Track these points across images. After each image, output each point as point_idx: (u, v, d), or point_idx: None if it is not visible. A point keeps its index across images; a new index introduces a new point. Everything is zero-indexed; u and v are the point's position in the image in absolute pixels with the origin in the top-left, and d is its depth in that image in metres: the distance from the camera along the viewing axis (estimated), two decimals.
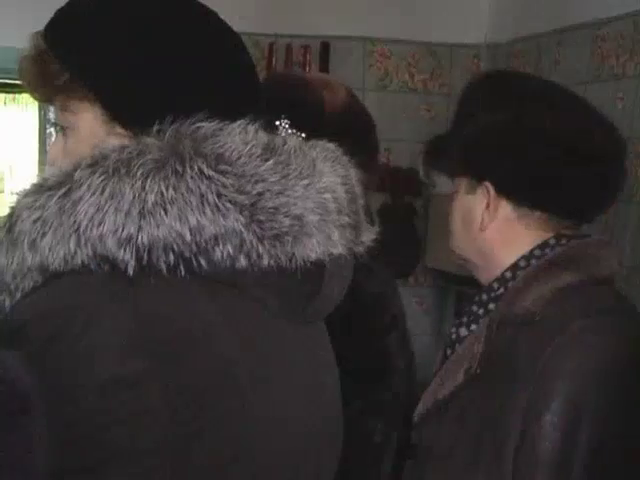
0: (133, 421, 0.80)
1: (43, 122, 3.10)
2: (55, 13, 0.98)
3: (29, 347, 0.81)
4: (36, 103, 2.86)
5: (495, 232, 1.39)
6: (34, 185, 0.88)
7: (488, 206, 1.38)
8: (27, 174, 3.80)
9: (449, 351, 1.42)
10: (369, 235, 0.99)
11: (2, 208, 4.03)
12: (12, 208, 0.89)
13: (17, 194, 0.89)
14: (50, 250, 0.84)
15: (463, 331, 1.40)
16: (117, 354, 0.80)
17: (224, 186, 0.85)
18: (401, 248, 3.11)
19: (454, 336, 1.42)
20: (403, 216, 3.20)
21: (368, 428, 1.60)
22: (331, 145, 0.97)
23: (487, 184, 1.37)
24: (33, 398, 0.78)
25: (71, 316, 0.81)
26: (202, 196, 0.84)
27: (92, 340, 0.80)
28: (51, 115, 2.99)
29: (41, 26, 0.98)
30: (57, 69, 0.93)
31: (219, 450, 0.85)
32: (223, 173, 0.85)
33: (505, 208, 1.38)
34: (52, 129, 3.00)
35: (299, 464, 0.95)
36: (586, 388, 1.23)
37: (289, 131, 1.47)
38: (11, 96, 3.99)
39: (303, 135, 1.44)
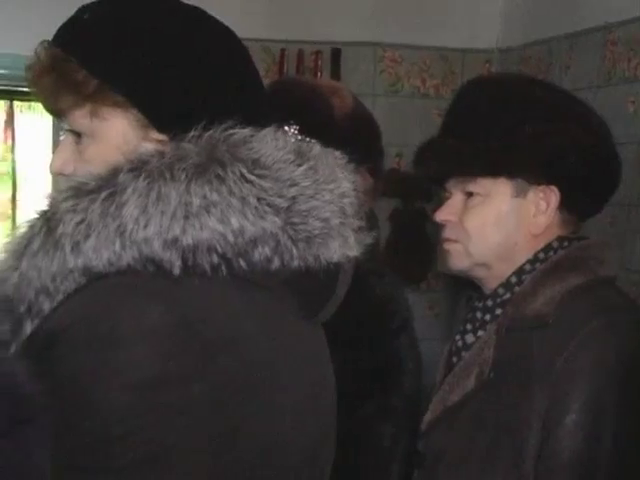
0: (176, 419, 0.82)
1: (57, 130, 3.12)
2: (67, 21, 0.98)
3: (74, 347, 0.82)
4: None
5: (546, 236, 1.37)
6: (72, 189, 0.89)
7: (537, 209, 1.35)
8: (42, 181, 3.82)
9: (455, 359, 1.42)
10: (367, 240, 1.01)
11: (19, 213, 4.05)
12: (45, 212, 0.89)
13: (52, 198, 0.90)
14: (94, 252, 0.86)
15: (470, 338, 1.40)
16: (162, 353, 0.82)
17: (264, 190, 0.88)
18: (413, 253, 3.11)
19: (460, 343, 1.41)
20: (414, 221, 3.19)
21: (378, 432, 1.60)
22: (338, 152, 1.00)
23: (554, 187, 1.35)
24: (40, 403, 0.78)
25: (118, 316, 0.83)
26: (243, 199, 0.87)
27: (138, 339, 0.82)
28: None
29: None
30: (83, 77, 0.94)
31: (252, 447, 0.87)
32: (262, 177, 0.88)
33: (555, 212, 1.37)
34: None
35: (314, 461, 0.98)
36: (607, 386, 1.23)
37: (298, 137, 1.47)
38: (26, 104, 4.02)
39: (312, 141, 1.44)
